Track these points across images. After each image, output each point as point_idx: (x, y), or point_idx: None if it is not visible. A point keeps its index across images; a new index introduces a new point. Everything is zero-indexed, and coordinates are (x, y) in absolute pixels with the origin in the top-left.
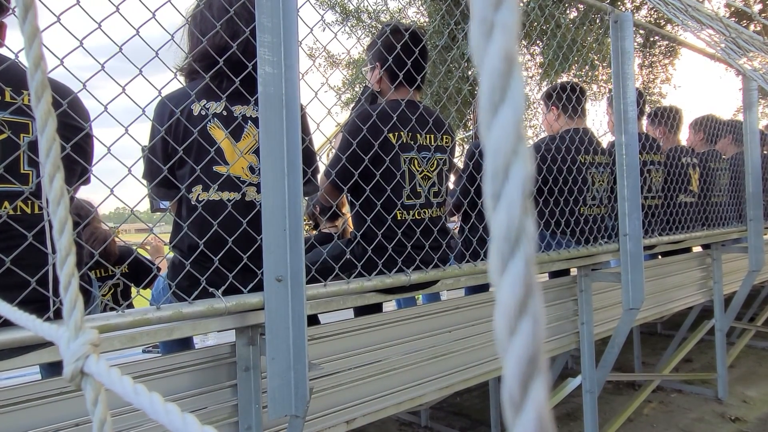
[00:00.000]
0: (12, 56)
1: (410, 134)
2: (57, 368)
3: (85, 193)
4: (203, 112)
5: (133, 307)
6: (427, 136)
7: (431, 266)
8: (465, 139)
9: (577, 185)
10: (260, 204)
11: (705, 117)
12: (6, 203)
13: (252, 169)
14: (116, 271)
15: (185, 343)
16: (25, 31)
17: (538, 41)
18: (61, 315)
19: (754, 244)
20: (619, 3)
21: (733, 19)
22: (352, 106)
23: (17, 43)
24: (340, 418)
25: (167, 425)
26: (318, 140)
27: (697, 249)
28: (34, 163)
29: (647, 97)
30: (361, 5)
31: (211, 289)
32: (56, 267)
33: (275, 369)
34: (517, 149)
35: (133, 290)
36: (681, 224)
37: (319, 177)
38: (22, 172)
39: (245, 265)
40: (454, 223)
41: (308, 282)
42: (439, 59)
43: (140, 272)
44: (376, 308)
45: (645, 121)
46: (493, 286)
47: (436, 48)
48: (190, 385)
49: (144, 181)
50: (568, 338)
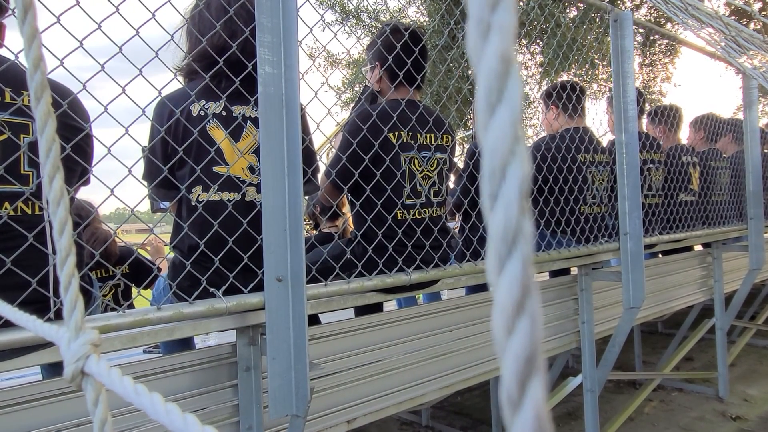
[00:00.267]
0: (12, 57)
1: (410, 134)
2: (58, 368)
3: (85, 194)
4: (202, 113)
5: (133, 307)
6: (428, 135)
7: (432, 266)
8: (465, 139)
9: (577, 184)
10: (260, 204)
11: (705, 115)
12: (6, 204)
13: (252, 169)
14: (117, 272)
15: (186, 344)
16: (24, 32)
17: (538, 40)
18: (61, 315)
19: (754, 242)
20: (618, 2)
21: (733, 17)
22: (352, 105)
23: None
24: (340, 417)
25: (168, 425)
26: (318, 140)
27: (697, 248)
28: (34, 164)
29: (647, 96)
30: (361, 5)
31: (211, 290)
32: (56, 268)
33: (276, 369)
34: (515, 150)
35: (134, 290)
36: (681, 223)
37: (320, 177)
38: (22, 172)
39: (246, 265)
40: (454, 223)
41: (309, 282)
42: (439, 58)
43: (141, 272)
44: (377, 308)
45: (645, 120)
46: (490, 286)
47: (436, 47)
48: (191, 385)
49: (144, 181)
50: (569, 337)
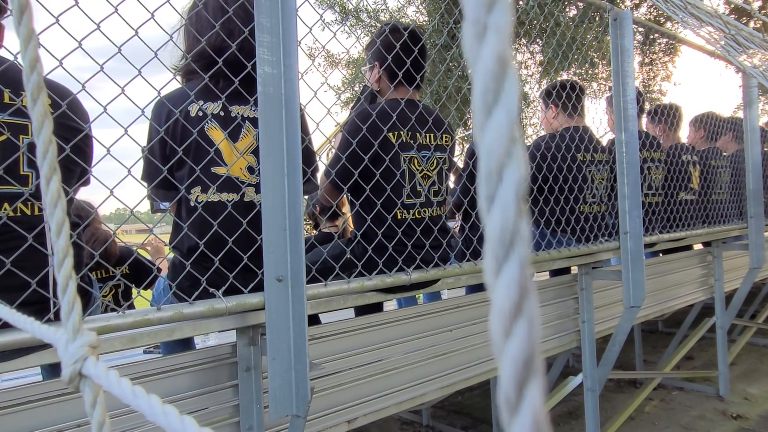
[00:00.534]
0: (11, 57)
1: (410, 133)
2: (58, 369)
3: (85, 194)
4: (200, 113)
5: (133, 307)
6: (427, 135)
7: (432, 265)
8: (465, 138)
9: (577, 183)
10: (260, 204)
11: (705, 114)
12: (6, 205)
13: (251, 170)
14: (117, 272)
15: (186, 344)
16: (20, 33)
17: (537, 39)
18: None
19: (754, 241)
20: (618, 1)
21: (733, 15)
22: (351, 105)
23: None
24: (341, 417)
25: (166, 427)
26: (318, 140)
27: (697, 246)
28: (33, 165)
29: (647, 95)
30: (360, 4)
31: (211, 290)
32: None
33: (276, 369)
34: (511, 151)
35: (134, 291)
36: (682, 222)
37: (319, 176)
38: (21, 173)
39: (245, 265)
40: (454, 222)
41: (308, 282)
42: (438, 58)
43: (141, 273)
44: (377, 308)
45: (645, 119)
46: (488, 288)
47: (436, 47)
48: (191, 385)
49: (144, 182)
50: (569, 336)
